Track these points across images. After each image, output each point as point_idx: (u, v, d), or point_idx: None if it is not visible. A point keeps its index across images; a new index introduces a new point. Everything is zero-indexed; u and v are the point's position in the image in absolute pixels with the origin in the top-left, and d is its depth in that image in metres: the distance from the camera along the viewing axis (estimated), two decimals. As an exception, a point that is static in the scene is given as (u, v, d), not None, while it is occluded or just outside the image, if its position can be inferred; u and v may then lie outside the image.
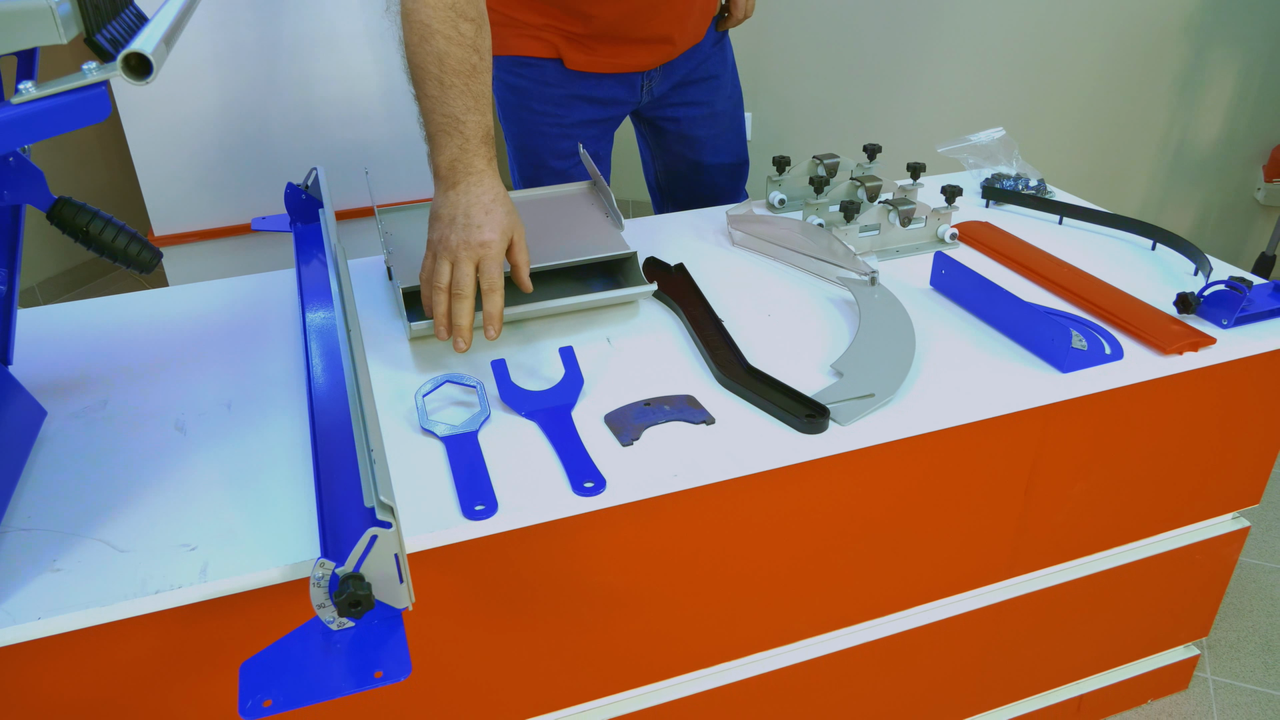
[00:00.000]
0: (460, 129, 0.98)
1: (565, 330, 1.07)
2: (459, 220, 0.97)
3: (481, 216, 0.97)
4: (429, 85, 0.98)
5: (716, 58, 1.55)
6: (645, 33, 1.40)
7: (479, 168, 0.99)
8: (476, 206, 0.97)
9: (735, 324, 1.07)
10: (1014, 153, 1.51)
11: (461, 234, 0.96)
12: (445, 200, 0.98)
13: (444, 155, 0.98)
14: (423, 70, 0.98)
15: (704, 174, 1.61)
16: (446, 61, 0.98)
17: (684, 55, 1.49)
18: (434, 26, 0.98)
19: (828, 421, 0.88)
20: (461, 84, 0.98)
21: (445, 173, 0.98)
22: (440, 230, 0.98)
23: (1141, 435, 1.07)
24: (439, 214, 0.99)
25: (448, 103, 0.98)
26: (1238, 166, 2.48)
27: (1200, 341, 1.02)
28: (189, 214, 2.19)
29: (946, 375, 0.97)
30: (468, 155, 0.98)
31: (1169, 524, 1.19)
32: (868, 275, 1.11)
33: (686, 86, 1.53)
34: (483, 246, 0.96)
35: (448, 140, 0.98)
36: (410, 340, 1.05)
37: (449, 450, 0.86)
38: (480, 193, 0.98)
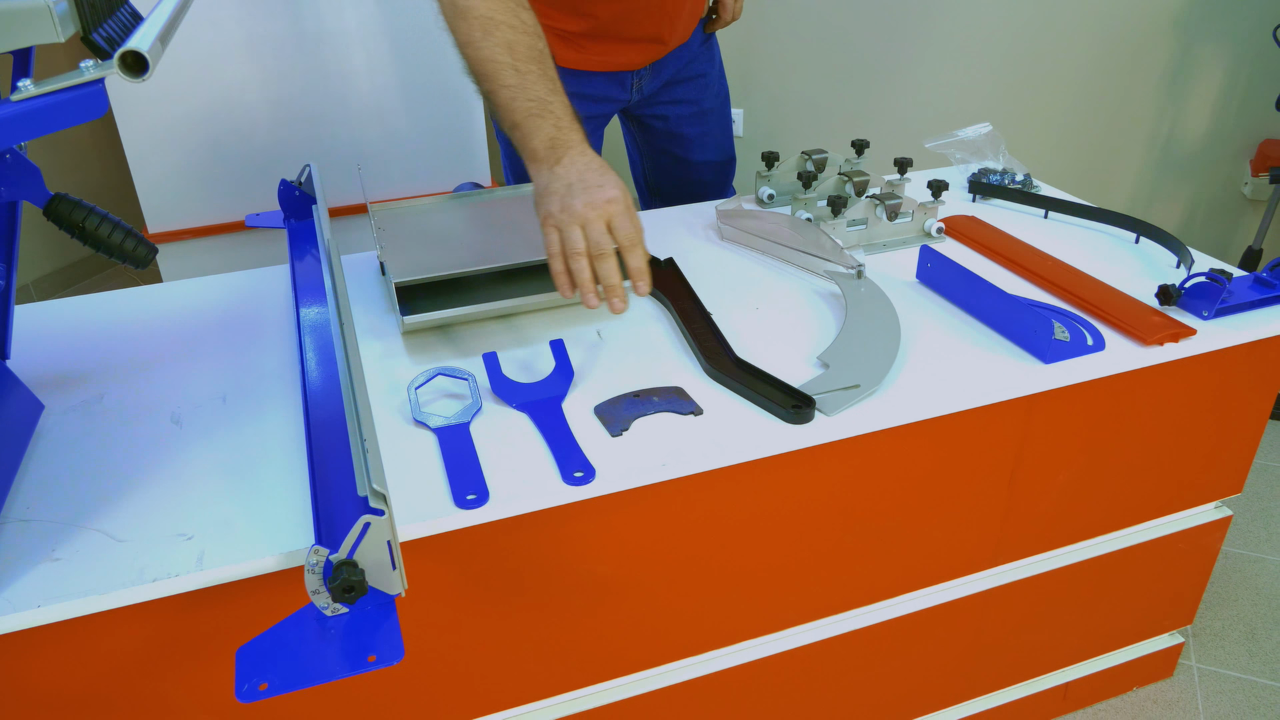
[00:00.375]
0: (550, 109, 0.99)
1: (555, 324, 1.09)
2: (576, 186, 0.95)
3: (598, 178, 0.96)
4: (505, 75, 0.99)
5: (704, 57, 1.57)
6: (638, 32, 1.42)
7: (577, 141, 0.99)
8: (590, 171, 0.97)
9: (724, 317, 1.08)
10: (1001, 148, 1.53)
11: (584, 196, 0.94)
12: (553, 175, 0.97)
13: (540, 137, 0.98)
14: (494, 63, 0.99)
15: (691, 171, 1.63)
16: (517, 49, 0.99)
17: (672, 54, 1.50)
18: (497, 18, 0.99)
19: (814, 412, 0.90)
20: (538, 69, 1.00)
21: (545, 152, 0.98)
22: (558, 200, 0.95)
23: (1124, 425, 1.09)
24: (550, 188, 0.97)
25: (530, 88, 0.99)
26: (1225, 161, 2.50)
27: (1180, 333, 1.04)
28: (183, 211, 2.20)
29: (931, 366, 0.99)
30: (564, 133, 0.99)
31: (1152, 513, 1.21)
32: (854, 269, 1.13)
33: (675, 85, 1.55)
34: (610, 203, 0.94)
35: (540, 122, 0.98)
36: (403, 334, 1.06)
37: (441, 441, 0.87)
38: (588, 160, 0.98)
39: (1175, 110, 2.49)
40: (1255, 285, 1.12)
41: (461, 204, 1.22)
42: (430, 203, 1.22)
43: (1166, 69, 2.45)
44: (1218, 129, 2.48)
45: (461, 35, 1.01)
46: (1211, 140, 2.49)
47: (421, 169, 2.34)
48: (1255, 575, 1.64)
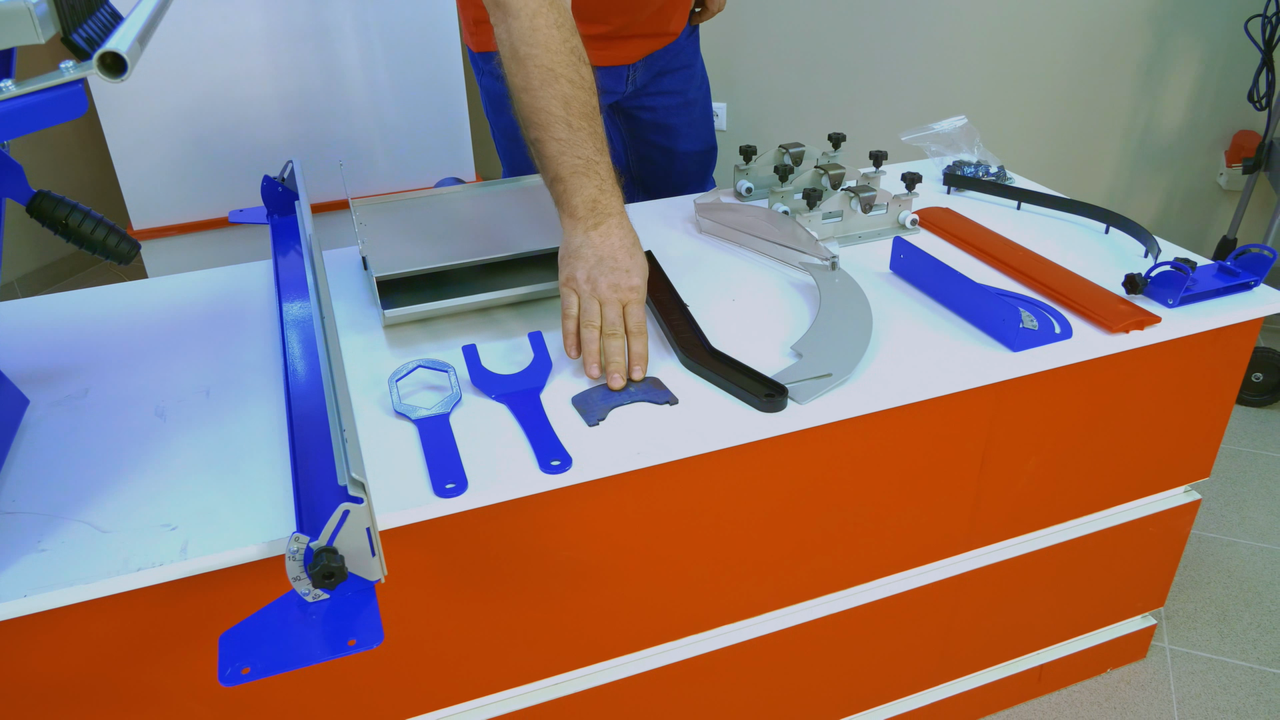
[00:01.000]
0: (596, 170, 1.01)
1: (535, 316, 1.10)
2: (606, 262, 0.99)
3: (627, 260, 1.00)
4: (556, 129, 1.00)
5: (690, 48, 1.60)
6: (641, 30, 1.46)
7: (617, 209, 1.02)
8: (621, 250, 1.00)
9: (700, 308, 1.10)
10: (975, 140, 1.55)
11: (610, 277, 0.99)
12: (587, 240, 1.00)
13: (582, 195, 1.00)
14: (547, 114, 1.00)
15: (676, 160, 1.65)
16: (573, 105, 1.01)
17: (666, 46, 1.53)
18: (558, 71, 1.00)
19: (786, 400, 0.92)
20: (590, 127, 1.02)
21: (584, 213, 1.00)
22: (586, 269, 0.99)
23: (1092, 411, 1.11)
24: (581, 253, 1.00)
25: (579, 145, 1.01)
26: (1201, 152, 2.53)
27: (1145, 320, 1.06)
28: (167, 207, 2.20)
29: (902, 355, 1.01)
30: (606, 196, 1.01)
31: (1122, 497, 1.23)
32: (828, 260, 1.15)
33: (663, 76, 1.58)
34: (632, 291, 0.99)
35: (585, 181, 1.00)
36: (384, 327, 1.08)
37: (421, 432, 0.89)
38: (622, 235, 1.01)
39: (1151, 102, 2.52)
40: (1219, 274, 1.14)
41: (442, 199, 1.24)
42: (412, 198, 1.23)
43: (1142, 62, 2.48)
44: (1193, 120, 2.51)
45: (519, 80, 1.02)
46: (1187, 132, 2.52)
47: (407, 164, 2.35)
48: (1227, 559, 1.67)
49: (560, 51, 1.01)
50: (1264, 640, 1.50)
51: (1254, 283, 1.14)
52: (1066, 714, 1.39)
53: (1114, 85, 2.52)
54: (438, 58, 2.27)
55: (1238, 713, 1.38)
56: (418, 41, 2.23)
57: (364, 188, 2.31)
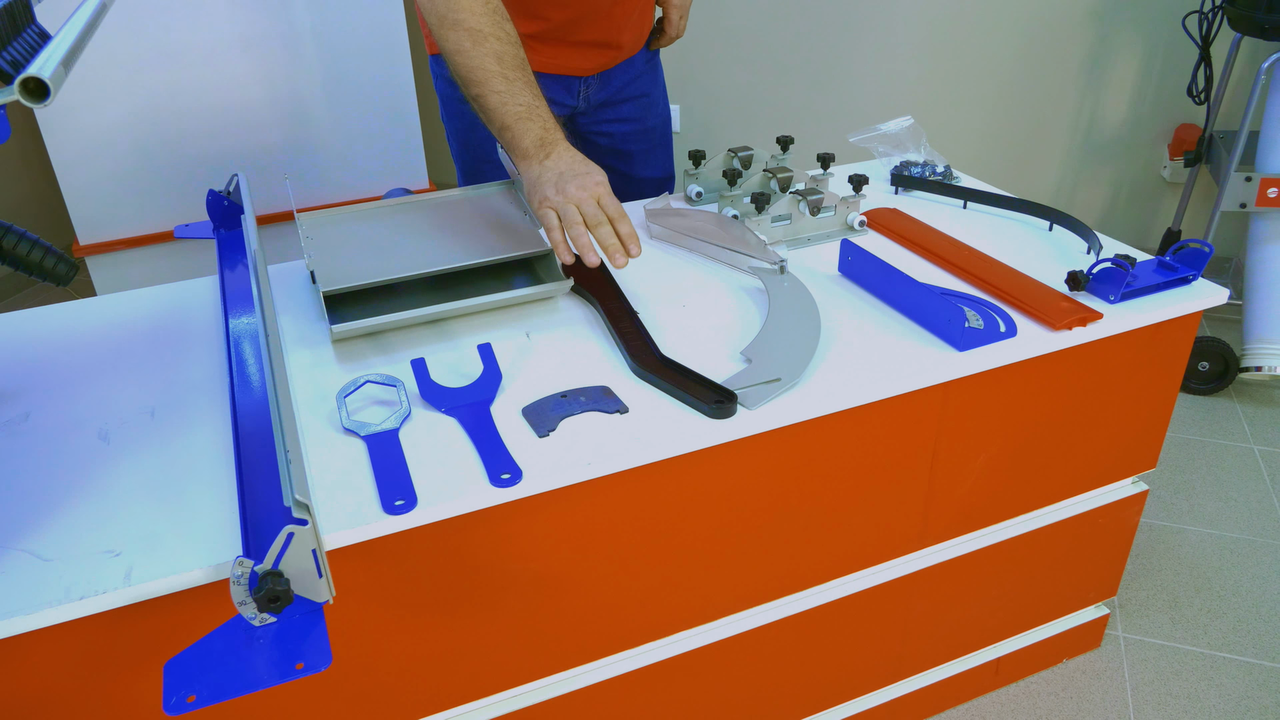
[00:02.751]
0: (537, 113, 1.12)
1: (485, 326, 1.10)
2: (566, 174, 1.09)
3: (584, 167, 1.10)
4: (494, 83, 1.11)
5: (648, 77, 1.62)
6: (587, 36, 1.46)
7: (562, 139, 1.13)
8: (576, 161, 1.11)
9: (650, 315, 1.11)
10: (922, 140, 1.57)
11: (575, 181, 1.08)
12: (544, 168, 1.11)
13: (529, 136, 1.11)
14: (483, 71, 1.11)
15: (632, 186, 1.67)
16: (504, 59, 1.12)
17: (619, 67, 1.54)
18: (486, 30, 1.12)
19: (735, 406, 0.92)
20: (523, 76, 1.13)
21: (534, 150, 1.11)
22: (552, 185, 1.09)
23: (1038, 407, 1.13)
24: (542, 178, 1.10)
25: (518, 94, 1.12)
26: (1144, 146, 2.58)
27: (1088, 317, 1.08)
28: (114, 221, 2.17)
29: (850, 357, 1.02)
30: (550, 132, 1.13)
31: (1070, 490, 1.26)
32: (777, 264, 1.16)
33: (620, 104, 1.59)
34: (598, 185, 1.09)
35: (529, 124, 1.12)
36: (333, 342, 1.07)
37: (370, 449, 0.88)
38: (571, 155, 1.12)
39: (1095, 98, 2.56)
40: (1159, 269, 1.17)
41: (391, 210, 1.23)
42: (359, 210, 1.22)
43: (1085, 58, 2.52)
44: (1136, 115, 2.55)
45: (451, 44, 1.12)
46: (1130, 126, 2.57)
47: (358, 173, 2.33)
48: (1177, 546, 1.70)
49: (484, 13, 1.12)
50: (1214, 625, 1.53)
51: (1192, 277, 1.16)
52: (1024, 705, 1.41)
53: (1058, 81, 2.56)
54: (387, 64, 2.25)
55: (1190, 697, 1.41)
56: (366, 48, 2.21)
57: (315, 198, 2.29)
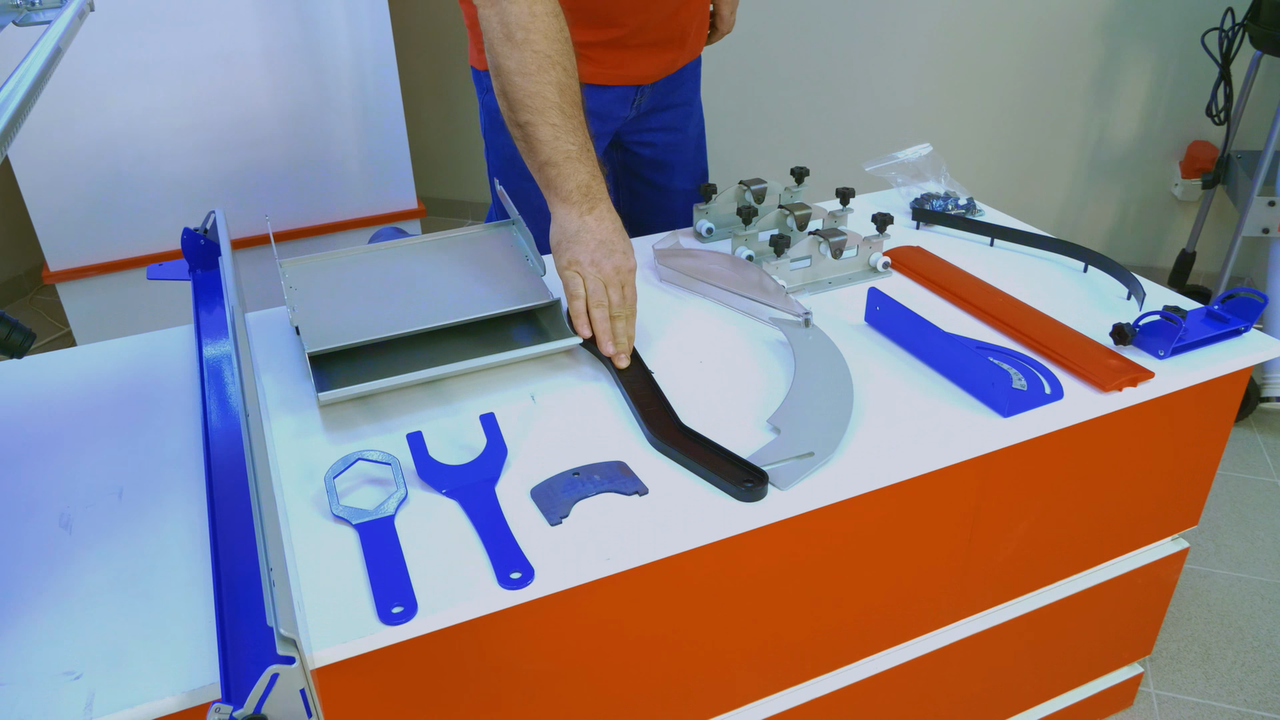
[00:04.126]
0: (589, 157, 1.06)
1: (486, 387, 1.01)
2: (605, 245, 1.04)
3: (623, 244, 1.06)
4: (551, 114, 1.03)
5: (691, 84, 1.56)
6: (655, 36, 1.39)
7: (605, 196, 1.07)
8: (616, 234, 1.06)
9: (665, 373, 1.02)
10: (942, 169, 1.49)
11: (613, 259, 1.04)
12: (583, 225, 1.05)
13: (574, 180, 1.04)
14: (542, 99, 1.03)
15: (667, 198, 1.61)
16: (567, 94, 1.04)
17: (675, 72, 1.48)
18: (555, 58, 1.04)
19: (767, 488, 0.84)
20: (580, 116, 1.06)
21: (578, 198, 1.05)
22: (589, 253, 1.04)
23: (1082, 470, 1.05)
24: (580, 237, 1.04)
25: (573, 132, 1.05)
26: (1155, 163, 2.51)
27: (1139, 376, 1.00)
28: (86, 246, 2.06)
29: (885, 425, 0.93)
30: (597, 182, 1.06)
31: (1111, 552, 1.18)
32: (801, 317, 1.07)
33: (664, 111, 1.52)
34: (630, 273, 1.05)
35: (578, 167, 1.04)
36: (320, 407, 0.97)
37: (363, 540, 0.79)
38: (614, 220, 1.07)
39: (1104, 113, 2.49)
40: (1208, 320, 1.09)
41: (382, 256, 1.14)
42: (347, 256, 1.13)
43: (1095, 73, 2.45)
44: (1146, 131, 2.49)
45: (513, 63, 1.03)
46: (1141, 142, 2.50)
47: (345, 192, 2.23)
48: (1206, 591, 1.63)
49: (558, 40, 1.04)
50: (1249, 680, 1.46)
51: (1244, 328, 1.09)
52: (1055, 771, 1.33)
53: (1067, 96, 2.49)
54: (374, 81, 2.15)
55: (1228, 761, 1.34)
56: (352, 64, 2.11)
57: (300, 219, 2.19)
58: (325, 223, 2.21)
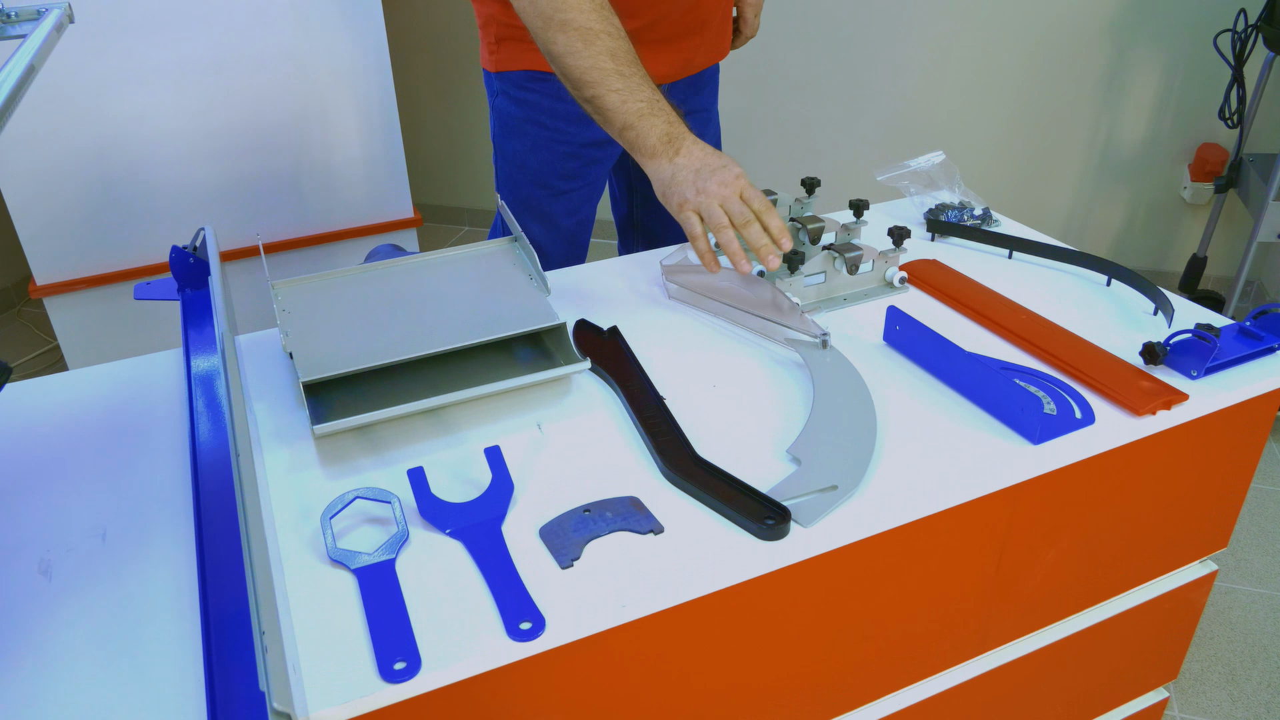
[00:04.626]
0: (659, 108, 1.08)
1: (489, 415, 0.96)
2: (704, 171, 1.05)
3: (718, 160, 1.06)
4: (611, 81, 1.06)
5: (711, 90, 1.54)
6: (677, 27, 1.37)
7: (688, 133, 1.09)
8: (710, 155, 1.07)
9: (677, 398, 0.97)
10: (955, 177, 1.45)
11: (714, 177, 1.04)
12: (675, 166, 1.07)
13: (655, 133, 1.07)
14: (598, 70, 1.06)
15: None
16: (619, 56, 1.07)
17: (694, 76, 1.46)
18: (596, 28, 1.06)
19: (789, 526, 0.79)
20: (638, 71, 1.08)
21: (662, 146, 1.07)
22: (690, 185, 1.05)
23: (1112, 495, 1.01)
24: (676, 177, 1.06)
25: (637, 90, 1.07)
26: (1163, 165, 2.47)
27: (1173, 399, 0.95)
28: (74, 258, 2.01)
29: (909, 454, 0.89)
30: (676, 126, 1.08)
31: (1139, 578, 1.13)
32: (818, 338, 1.02)
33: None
34: (738, 179, 1.05)
35: (654, 121, 1.07)
36: (315, 439, 0.93)
37: (362, 586, 0.74)
38: (701, 147, 1.07)
39: (1113, 116, 2.45)
40: (1240, 338, 1.05)
41: (379, 276, 1.09)
42: (342, 277, 1.08)
43: (1103, 74, 2.40)
44: (1155, 133, 2.44)
45: (561, 46, 1.07)
46: (1149, 145, 2.46)
47: (340, 200, 2.18)
48: (1228, 609, 1.59)
49: (592, 9, 1.07)
50: (1276, 703, 1.42)
51: (1278, 346, 1.04)
52: (1079, 801, 1.28)
53: (1075, 98, 2.45)
54: (369, 86, 2.10)
55: (1257, 789, 1.30)
56: (346, 70, 2.06)
57: (294, 229, 2.14)
58: (319, 233, 2.17)
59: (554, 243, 1.53)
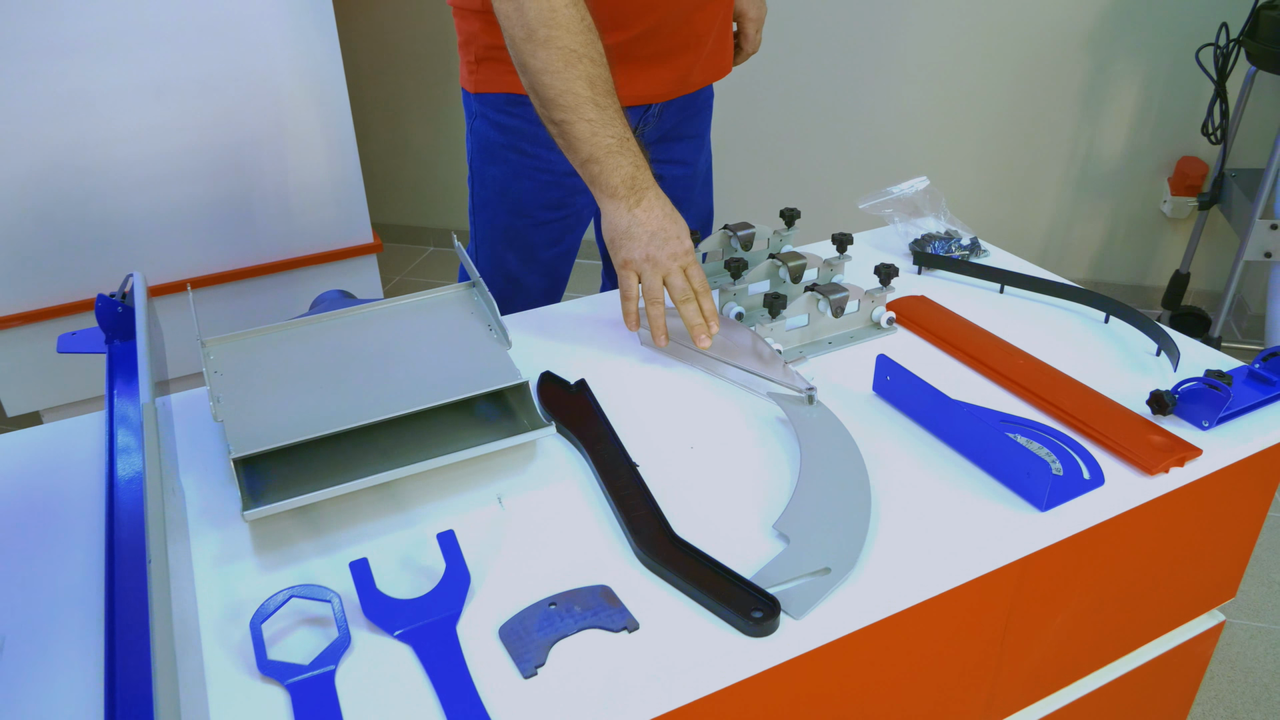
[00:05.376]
0: (630, 148, 1.04)
1: (445, 488, 0.87)
2: (659, 236, 1.03)
3: (675, 228, 1.04)
4: (585, 109, 1.01)
5: (704, 115, 1.46)
6: (671, 41, 1.28)
7: (651, 183, 1.05)
8: (668, 220, 1.04)
9: (652, 462, 0.89)
10: (941, 204, 1.38)
11: (667, 247, 1.03)
12: (633, 218, 1.03)
13: (620, 173, 1.03)
14: (574, 96, 1.01)
15: None
16: (598, 85, 1.02)
17: (689, 97, 1.38)
18: (580, 51, 1.01)
19: (779, 620, 0.71)
20: (614, 104, 1.04)
21: (624, 190, 1.03)
22: (642, 248, 1.03)
23: (1121, 556, 0.93)
24: (632, 233, 1.03)
25: (610, 124, 1.02)
26: (1143, 179, 2.42)
27: (1186, 455, 0.88)
28: (7, 295, 1.89)
29: (908, 528, 0.81)
30: (641, 172, 1.04)
31: (1147, 636, 1.07)
32: (804, 393, 0.94)
33: (676, 142, 1.42)
34: (687, 254, 1.04)
35: (621, 159, 1.03)
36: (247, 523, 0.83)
37: (295, 705, 0.65)
38: (663, 206, 1.04)
39: (1092, 129, 2.40)
40: (1251, 382, 0.98)
41: (324, 330, 0.99)
42: (284, 331, 0.99)
43: (1082, 88, 2.35)
44: (1135, 147, 2.40)
45: (539, 62, 1.01)
46: (1129, 159, 2.41)
47: (295, 228, 2.08)
48: (1226, 645, 1.53)
49: (580, 31, 1.01)
50: (1283, 751, 1.36)
51: (1291, 390, 0.98)
52: None
53: (1055, 112, 2.40)
54: (323, 108, 2.01)
55: None
56: (299, 91, 1.96)
57: (246, 257, 2.04)
58: (273, 261, 2.06)
59: (532, 275, 1.44)
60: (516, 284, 1.44)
